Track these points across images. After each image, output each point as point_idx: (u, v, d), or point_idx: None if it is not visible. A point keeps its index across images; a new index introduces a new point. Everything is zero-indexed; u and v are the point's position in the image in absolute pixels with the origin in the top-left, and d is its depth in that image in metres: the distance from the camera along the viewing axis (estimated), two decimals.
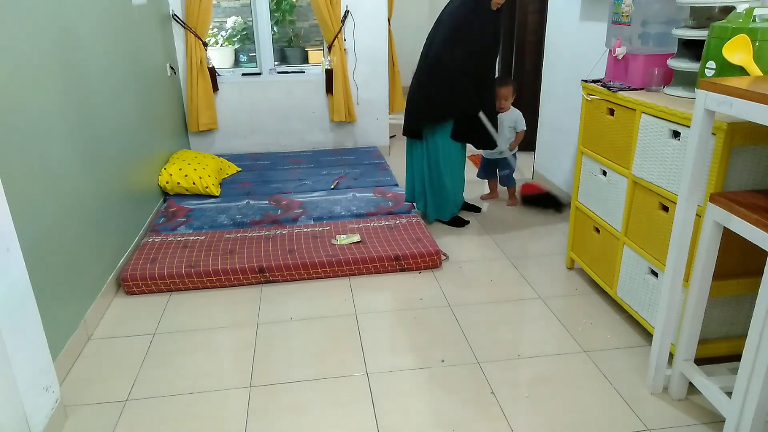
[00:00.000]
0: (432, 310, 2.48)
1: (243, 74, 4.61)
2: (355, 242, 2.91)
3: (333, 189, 3.71)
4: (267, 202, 3.52)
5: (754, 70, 1.66)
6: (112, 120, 2.81)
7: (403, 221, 3.18)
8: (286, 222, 3.21)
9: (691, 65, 2.02)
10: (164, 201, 3.60)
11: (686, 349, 1.83)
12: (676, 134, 1.91)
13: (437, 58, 2.98)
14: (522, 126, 3.43)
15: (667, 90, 2.14)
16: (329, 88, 4.49)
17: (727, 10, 1.92)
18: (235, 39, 6.40)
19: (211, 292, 2.66)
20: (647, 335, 2.24)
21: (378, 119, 4.72)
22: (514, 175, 3.60)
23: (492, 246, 3.08)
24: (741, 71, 1.68)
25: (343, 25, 4.36)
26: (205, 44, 4.21)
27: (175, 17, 4.12)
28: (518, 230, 3.29)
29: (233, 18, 6.38)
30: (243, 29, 6.37)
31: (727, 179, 1.72)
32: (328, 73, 4.44)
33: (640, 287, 2.17)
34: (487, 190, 3.78)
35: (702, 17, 2.02)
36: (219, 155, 4.24)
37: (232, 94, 4.47)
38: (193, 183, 3.56)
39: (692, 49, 2.04)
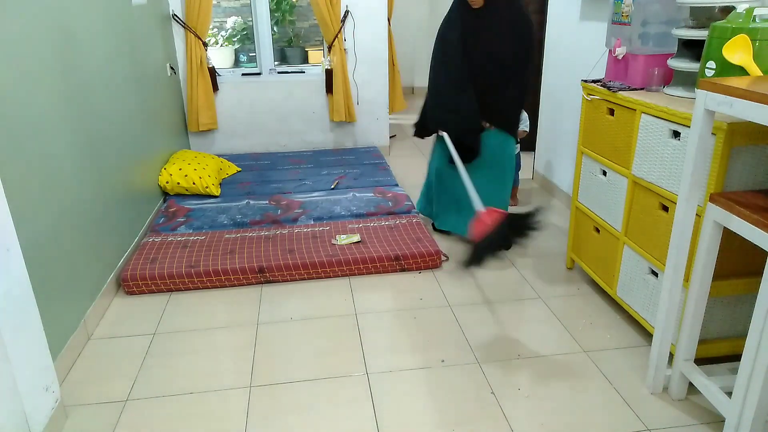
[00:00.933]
0: (432, 310, 2.48)
1: (243, 74, 4.61)
2: (355, 242, 2.91)
3: (333, 189, 3.71)
4: (267, 202, 3.52)
5: (754, 70, 1.66)
6: (112, 120, 2.81)
7: (403, 221, 3.18)
8: (286, 222, 3.21)
9: (691, 65, 2.02)
10: (164, 201, 3.60)
11: (686, 349, 1.83)
12: (676, 134, 1.91)
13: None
14: (525, 127, 3.43)
15: (667, 90, 2.14)
16: (329, 88, 4.49)
17: (727, 10, 1.92)
18: (235, 39, 6.40)
19: (211, 292, 2.66)
20: (647, 335, 2.24)
21: (378, 119, 4.72)
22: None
23: None
24: (741, 71, 1.68)
25: (343, 25, 4.36)
26: (205, 44, 4.21)
27: (175, 17, 4.12)
28: None
29: (233, 18, 6.38)
30: (243, 29, 6.36)
31: (727, 179, 1.72)
32: (328, 73, 4.44)
33: (640, 287, 2.17)
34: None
35: (702, 17, 2.02)
36: (219, 155, 4.23)
37: (232, 94, 4.47)
38: (193, 183, 3.56)
39: (692, 49, 2.04)
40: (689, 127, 1.69)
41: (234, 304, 2.57)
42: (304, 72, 4.69)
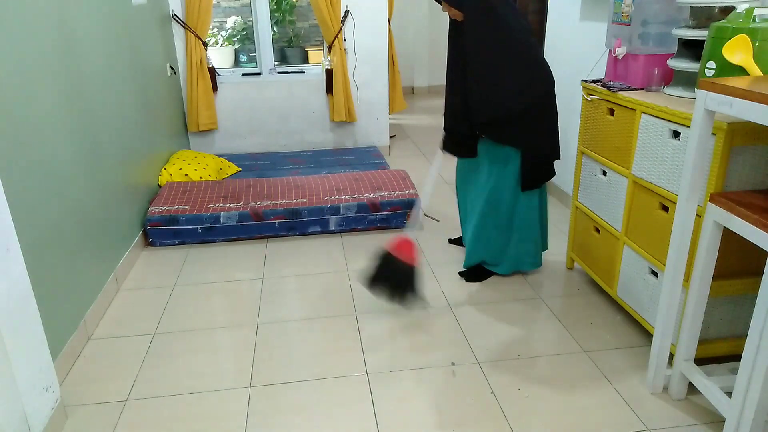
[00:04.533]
0: (432, 310, 2.48)
1: (243, 74, 4.61)
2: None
3: None
4: None
5: (754, 70, 1.66)
6: (112, 120, 2.81)
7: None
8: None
9: (691, 65, 2.02)
10: None
11: (686, 349, 1.83)
12: (676, 134, 1.91)
13: None
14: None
15: (667, 90, 2.14)
16: (329, 88, 4.49)
17: (727, 10, 1.92)
18: (235, 39, 6.40)
19: (212, 292, 2.66)
20: (647, 335, 2.24)
21: (378, 119, 4.72)
22: None
23: None
24: (741, 71, 1.68)
25: (343, 25, 4.36)
26: (205, 44, 4.21)
27: (175, 17, 4.12)
28: None
29: (233, 18, 6.38)
30: (243, 29, 6.37)
31: (727, 179, 1.72)
32: (328, 73, 4.44)
33: (640, 287, 2.17)
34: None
35: (702, 17, 2.02)
36: (219, 155, 4.24)
37: (232, 94, 4.47)
38: None
39: (692, 49, 2.04)
40: (689, 127, 1.69)
41: (234, 302, 2.57)
42: (304, 72, 4.69)
